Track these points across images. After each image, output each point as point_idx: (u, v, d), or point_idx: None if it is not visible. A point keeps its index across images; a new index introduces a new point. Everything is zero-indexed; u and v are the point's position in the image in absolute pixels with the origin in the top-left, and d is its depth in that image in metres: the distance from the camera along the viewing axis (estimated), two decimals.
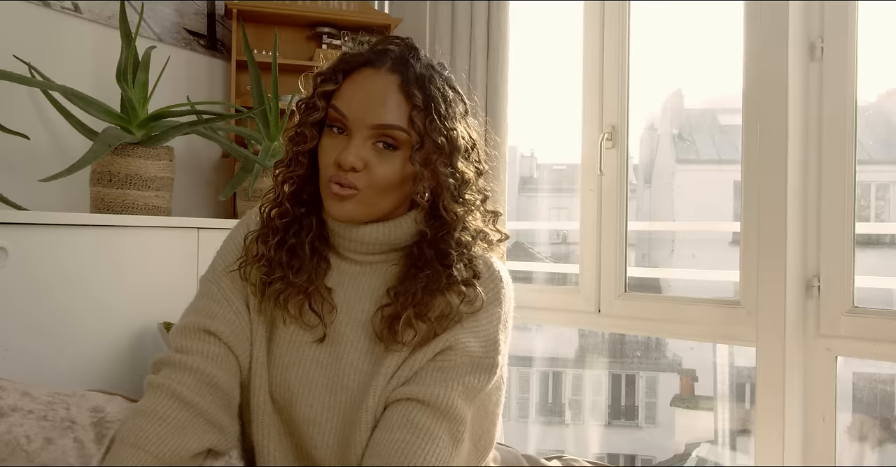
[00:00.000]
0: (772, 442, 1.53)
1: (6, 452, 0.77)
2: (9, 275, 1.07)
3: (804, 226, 1.55)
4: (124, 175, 1.38)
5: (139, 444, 0.81)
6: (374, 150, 0.86)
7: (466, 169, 0.92)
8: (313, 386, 0.91)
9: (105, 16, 1.66)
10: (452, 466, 0.85)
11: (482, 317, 0.90)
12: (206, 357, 0.89)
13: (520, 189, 5.44)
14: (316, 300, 0.91)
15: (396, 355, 0.88)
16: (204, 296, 0.95)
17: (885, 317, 1.47)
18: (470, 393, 0.88)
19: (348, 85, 0.88)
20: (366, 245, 0.92)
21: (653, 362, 5.99)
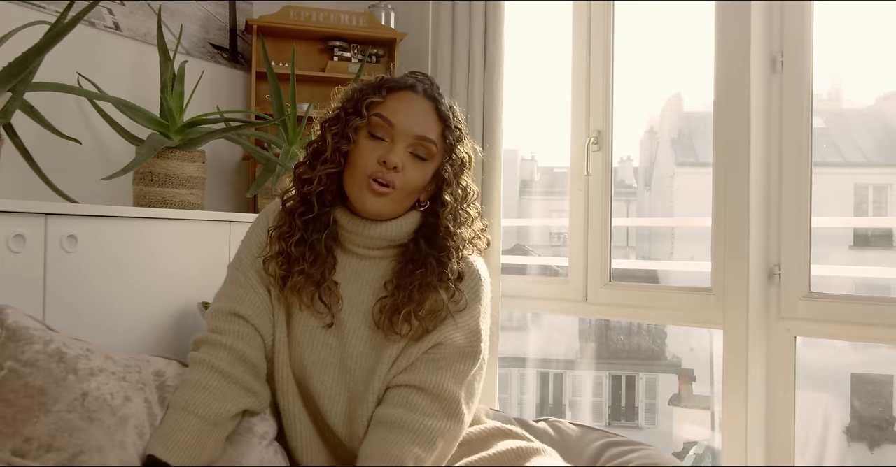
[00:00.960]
0: (737, 414, 1.76)
1: (96, 405, 0.99)
2: (78, 259, 1.30)
3: (767, 220, 1.78)
4: (164, 175, 1.62)
5: (189, 409, 1.04)
6: (409, 156, 1.09)
7: (471, 183, 1.16)
8: (323, 364, 1.13)
9: (141, 33, 1.90)
10: (444, 436, 1.07)
11: (465, 313, 1.13)
12: (237, 336, 1.11)
13: (520, 192, 5.67)
14: (325, 292, 1.12)
15: (395, 345, 1.10)
16: (232, 282, 1.17)
17: (837, 301, 1.70)
18: (458, 377, 1.10)
19: (393, 101, 1.11)
20: (372, 240, 1.14)
21: (651, 363, 6.18)
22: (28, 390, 0.95)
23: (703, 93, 3.00)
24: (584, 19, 2.10)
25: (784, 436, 1.75)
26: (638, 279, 4.47)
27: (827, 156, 5.24)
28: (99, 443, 0.95)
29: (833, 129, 5.22)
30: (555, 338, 5.50)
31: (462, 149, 1.15)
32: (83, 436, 0.95)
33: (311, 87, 2.17)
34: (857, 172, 4.55)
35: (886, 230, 3.79)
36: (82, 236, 1.31)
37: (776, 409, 1.76)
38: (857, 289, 2.65)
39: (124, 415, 1.00)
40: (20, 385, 0.95)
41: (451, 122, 1.14)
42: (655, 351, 6.08)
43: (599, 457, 1.44)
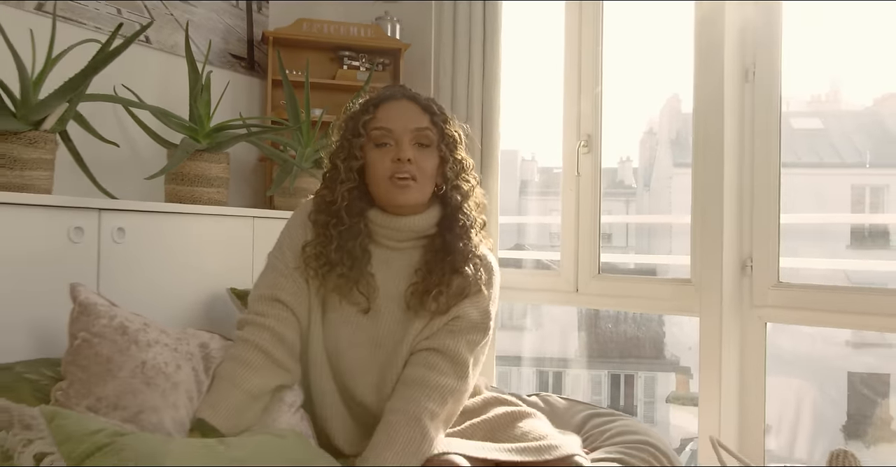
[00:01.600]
0: (711, 396, 1.96)
1: (153, 372, 1.19)
2: (126, 249, 1.51)
3: (740, 217, 1.99)
4: (193, 175, 1.83)
5: (234, 382, 1.24)
6: (416, 149, 1.30)
7: (466, 156, 1.37)
8: (359, 344, 1.34)
9: (169, 45, 2.11)
10: (455, 394, 1.28)
11: (480, 294, 1.35)
12: (277, 319, 1.31)
13: (520, 191, 5.88)
14: (362, 285, 1.32)
15: (421, 320, 1.31)
16: (273, 271, 1.36)
17: (804, 290, 1.91)
18: (471, 345, 1.32)
19: (382, 112, 1.32)
20: (402, 233, 1.34)
21: (650, 362, 6.36)
22: (98, 358, 1.16)
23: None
24: (575, 23, 2.30)
25: (755, 416, 1.96)
26: (642, 273, 4.68)
27: (825, 156, 5.43)
28: (155, 404, 1.15)
29: (831, 130, 5.41)
30: (555, 338, 5.70)
31: (450, 128, 1.36)
32: (143, 398, 1.15)
33: (323, 94, 2.38)
34: (854, 173, 4.74)
35: (882, 227, 3.97)
36: (129, 229, 1.52)
37: (748, 389, 1.97)
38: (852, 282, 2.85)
39: (176, 381, 1.20)
40: (92, 353, 1.16)
41: (435, 110, 1.35)
42: (654, 349, 6.25)
43: (584, 426, 1.64)
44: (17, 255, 1.35)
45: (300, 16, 2.44)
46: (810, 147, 5.35)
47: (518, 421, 1.35)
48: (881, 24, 2.11)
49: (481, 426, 1.36)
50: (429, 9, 2.40)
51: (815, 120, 5.60)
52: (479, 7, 2.32)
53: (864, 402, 4.24)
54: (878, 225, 3.95)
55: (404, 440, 1.18)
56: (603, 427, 1.62)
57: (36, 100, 1.46)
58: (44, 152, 1.49)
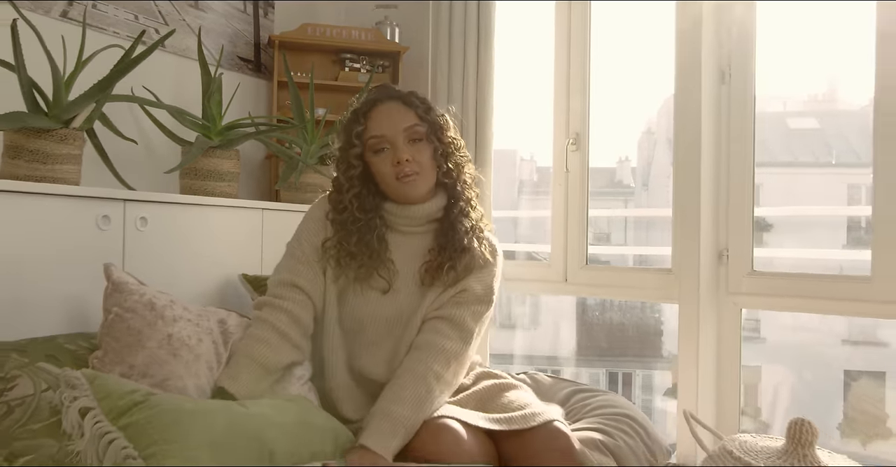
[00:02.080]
0: (689, 376, 2.12)
1: (178, 344, 1.35)
2: (147, 236, 1.67)
3: (717, 210, 2.15)
4: (206, 170, 1.99)
5: (252, 357, 1.40)
6: (410, 146, 1.46)
7: (455, 136, 1.54)
8: (378, 320, 1.51)
9: (181, 49, 2.27)
10: (459, 357, 1.45)
11: (484, 272, 1.53)
12: (294, 302, 1.48)
13: (519, 189, 6.04)
14: (382, 270, 1.49)
15: (432, 294, 1.49)
16: (291, 258, 1.53)
17: (775, 278, 2.07)
18: (475, 315, 1.49)
19: (371, 120, 1.48)
20: (414, 219, 1.52)
21: (649, 359, 6.50)
22: (129, 330, 1.32)
23: None
24: (564, 24, 2.46)
25: (731, 396, 2.12)
26: (647, 263, 4.81)
27: (820, 156, 5.56)
28: (180, 373, 1.32)
29: (827, 130, 5.53)
30: (553, 336, 5.85)
31: (433, 115, 1.52)
32: (169, 367, 1.31)
33: (326, 94, 2.55)
34: (849, 172, 4.87)
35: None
36: (151, 218, 1.68)
37: (724, 371, 2.13)
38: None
39: (198, 353, 1.37)
40: (124, 326, 1.32)
41: (417, 104, 1.50)
42: (652, 347, 6.37)
43: (568, 401, 1.81)
44: (53, 241, 1.51)
45: (304, 20, 2.61)
46: (806, 146, 5.48)
47: (505, 392, 1.51)
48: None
49: (473, 396, 1.52)
50: (426, 14, 2.56)
51: (812, 119, 5.73)
52: (474, 12, 2.48)
53: (860, 400, 4.34)
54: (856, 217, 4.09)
55: (411, 396, 1.35)
56: (586, 401, 1.79)
57: (66, 100, 1.62)
58: (73, 148, 1.65)
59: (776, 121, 5.17)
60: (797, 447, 1.57)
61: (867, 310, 1.95)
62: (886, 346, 4.62)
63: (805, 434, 1.57)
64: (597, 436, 1.58)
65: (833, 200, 4.55)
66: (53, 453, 1.09)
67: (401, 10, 2.71)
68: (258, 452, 1.13)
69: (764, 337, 5.19)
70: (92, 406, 1.10)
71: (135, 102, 1.76)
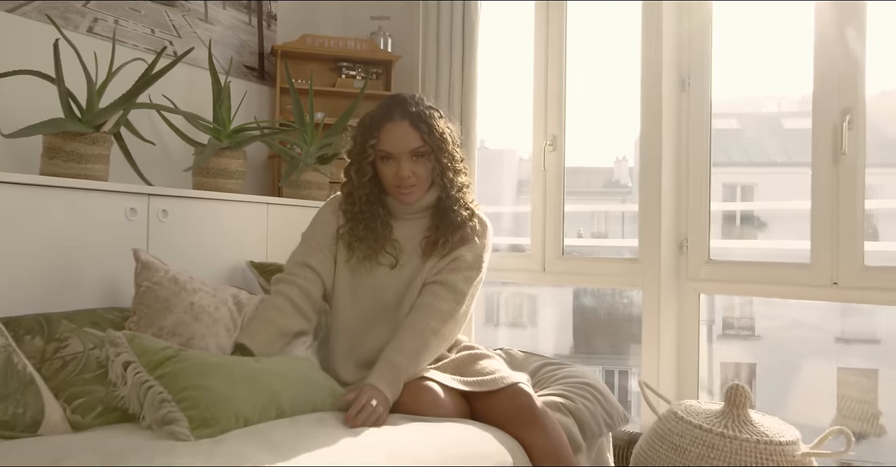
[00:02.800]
0: (652, 354, 2.39)
1: (199, 310, 1.63)
2: (168, 226, 1.95)
3: (677, 205, 2.42)
4: (217, 169, 2.26)
5: (269, 321, 1.68)
6: (412, 162, 1.74)
7: (454, 149, 1.81)
8: (388, 291, 1.79)
9: (192, 58, 2.54)
10: (451, 316, 1.73)
11: (475, 243, 1.81)
12: (306, 279, 1.77)
13: (518, 188, 6.30)
14: (389, 248, 1.78)
15: (429, 263, 1.77)
16: (305, 244, 1.84)
17: (729, 266, 2.34)
18: (467, 280, 1.77)
19: (384, 135, 1.75)
20: (413, 209, 1.81)
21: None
22: (158, 299, 1.60)
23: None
24: (542, 35, 2.73)
25: (690, 372, 2.39)
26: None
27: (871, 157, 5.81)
28: (203, 333, 1.59)
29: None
30: (550, 334, 6.10)
31: (435, 135, 1.77)
32: (192, 328, 1.59)
33: (325, 100, 2.82)
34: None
35: None
36: (171, 210, 1.96)
37: (684, 351, 2.40)
38: None
39: (216, 318, 1.64)
40: (153, 296, 1.60)
41: (423, 128, 1.76)
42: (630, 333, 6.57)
43: (538, 372, 2.08)
44: (89, 230, 1.79)
45: (304, 32, 2.88)
46: (800, 147, 5.72)
47: (479, 360, 1.78)
48: (873, 24, 2.37)
49: (451, 363, 1.79)
50: (417, 25, 2.84)
51: (805, 120, 5.98)
52: (459, 24, 2.76)
53: (853, 397, 4.51)
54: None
55: (410, 348, 1.63)
56: (552, 372, 2.06)
57: (97, 108, 1.90)
58: (102, 149, 1.92)
59: (771, 122, 5.41)
60: (732, 408, 1.84)
61: (806, 294, 2.23)
62: (878, 343, 4.84)
63: (739, 396, 1.85)
64: (559, 400, 1.85)
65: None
66: (102, 396, 1.36)
67: (393, 22, 2.99)
68: (269, 400, 1.41)
69: (759, 334, 5.44)
70: (132, 360, 1.37)
71: (155, 109, 2.03)
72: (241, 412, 1.34)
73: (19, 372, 1.26)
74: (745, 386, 1.86)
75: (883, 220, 2.63)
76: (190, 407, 1.29)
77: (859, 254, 2.08)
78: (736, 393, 1.85)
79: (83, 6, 2.24)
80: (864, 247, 2.10)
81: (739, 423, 1.81)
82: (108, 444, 1.21)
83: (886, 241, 2.45)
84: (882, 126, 2.28)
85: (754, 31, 2.74)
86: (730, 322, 5.46)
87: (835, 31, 2.11)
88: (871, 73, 2.11)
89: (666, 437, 1.85)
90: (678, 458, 1.78)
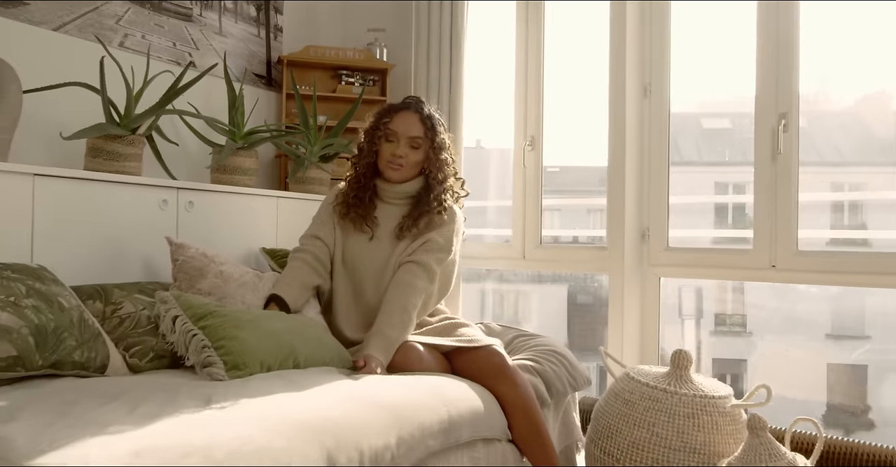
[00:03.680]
0: (616, 330, 2.76)
1: (228, 277, 2.00)
2: (194, 216, 2.32)
3: (640, 199, 2.79)
4: (232, 166, 2.63)
5: (294, 277, 2.09)
6: (408, 148, 2.13)
7: (448, 155, 2.19)
8: (368, 259, 2.16)
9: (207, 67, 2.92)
10: (426, 292, 2.10)
11: (445, 228, 2.18)
12: (316, 247, 2.17)
13: (505, 187, 6.69)
14: (369, 222, 2.16)
15: (403, 244, 2.14)
16: (313, 223, 2.24)
17: (685, 252, 2.71)
18: (439, 261, 2.14)
19: (396, 119, 2.15)
20: (396, 193, 2.19)
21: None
22: (193, 268, 1.98)
23: (687, 94, 3.51)
24: (522, 44, 3.12)
25: (650, 346, 2.76)
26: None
27: (809, 155, 6.15)
28: (233, 294, 1.97)
29: (814, 130, 6.11)
30: (545, 331, 6.44)
31: (434, 135, 2.18)
32: (224, 290, 1.97)
33: (326, 104, 3.20)
34: (834, 172, 5.46)
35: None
36: (196, 202, 2.33)
37: (646, 329, 2.77)
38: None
39: (243, 282, 2.02)
40: (189, 266, 1.98)
41: (428, 125, 2.17)
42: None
43: (512, 342, 2.45)
44: (130, 217, 2.16)
45: (308, 43, 3.26)
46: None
47: (459, 327, 2.15)
48: (865, 25, 2.55)
49: (434, 329, 2.16)
50: (409, 37, 3.22)
51: (801, 119, 6.32)
52: (448, 37, 3.13)
53: (843, 393, 4.80)
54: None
55: (398, 322, 2.00)
56: (525, 342, 2.43)
57: (134, 113, 2.27)
58: (137, 149, 2.29)
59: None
60: (676, 370, 2.21)
61: (751, 276, 2.61)
62: (868, 339, 5.16)
63: (682, 360, 2.21)
64: (529, 363, 2.22)
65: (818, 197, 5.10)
66: (153, 345, 1.74)
67: (388, 34, 3.37)
68: (288, 353, 1.77)
69: (750, 331, 5.78)
70: (179, 314, 1.74)
71: (181, 114, 2.40)
72: (266, 360, 1.71)
73: (90, 326, 1.63)
74: (687, 352, 2.23)
75: (814, 211, 2.96)
76: (225, 353, 1.65)
77: (794, 240, 2.46)
78: (679, 357, 2.21)
79: (115, 24, 2.61)
80: (798, 234, 2.48)
81: (681, 382, 2.17)
82: (161, 381, 1.58)
83: (817, 229, 2.81)
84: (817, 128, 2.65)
85: (714, 34, 3.00)
86: (722, 318, 5.81)
87: (773, 43, 2.49)
88: (805, 77, 2.49)
89: (620, 394, 2.21)
90: (628, 411, 2.15)
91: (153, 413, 1.26)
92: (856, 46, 2.58)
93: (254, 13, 3.17)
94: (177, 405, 1.33)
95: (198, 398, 1.38)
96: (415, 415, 1.55)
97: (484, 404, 1.85)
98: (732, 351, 3.96)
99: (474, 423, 1.74)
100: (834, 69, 2.78)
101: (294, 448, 1.19)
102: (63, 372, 1.54)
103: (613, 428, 2.12)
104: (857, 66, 2.64)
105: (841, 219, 3.21)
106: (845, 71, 2.73)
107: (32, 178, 1.90)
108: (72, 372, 1.55)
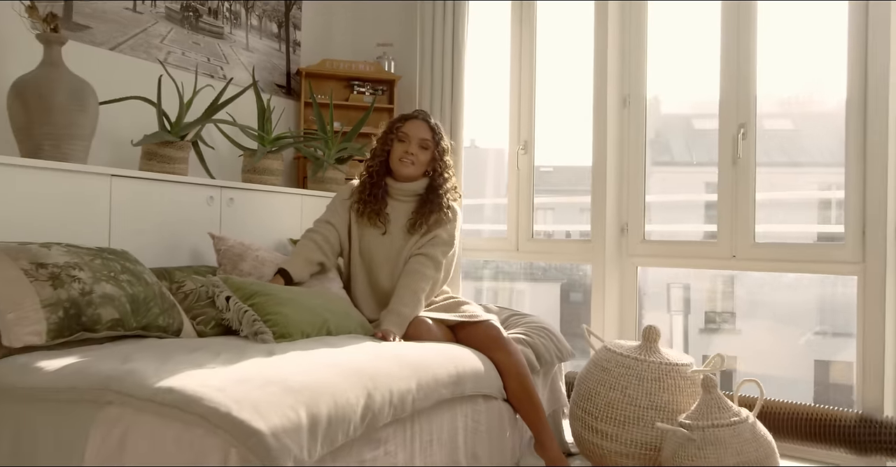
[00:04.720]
0: (598, 314, 3.20)
1: (263, 261, 2.44)
2: (234, 211, 2.75)
3: (620, 197, 3.24)
4: (262, 168, 3.06)
5: (298, 254, 2.53)
6: (419, 148, 2.57)
7: (448, 161, 2.63)
8: (381, 250, 2.59)
9: (237, 79, 3.35)
10: (433, 279, 2.53)
11: (448, 225, 2.61)
12: (325, 229, 2.60)
13: (501, 185, 7.11)
14: (382, 218, 2.59)
15: (413, 239, 2.57)
16: (328, 210, 2.66)
17: (660, 244, 3.16)
18: (444, 253, 2.58)
19: (407, 125, 2.59)
20: (405, 191, 2.62)
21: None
22: (235, 254, 2.42)
23: (679, 96, 3.61)
24: (517, 53, 3.55)
25: (629, 327, 3.20)
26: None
27: (794, 156, 6.52)
28: (269, 275, 2.40)
29: (801, 131, 6.47)
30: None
31: (444, 143, 2.63)
32: (261, 271, 2.41)
33: (341, 112, 3.63)
34: (823, 172, 5.85)
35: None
36: (237, 199, 2.76)
37: (625, 314, 3.22)
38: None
39: (264, 259, 2.46)
40: (231, 253, 2.42)
41: (436, 130, 2.62)
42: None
43: (507, 320, 2.88)
44: (181, 211, 2.59)
45: (323, 56, 3.70)
46: (780, 147, 6.43)
47: (461, 305, 2.59)
48: (763, 46, 2.85)
49: (440, 306, 2.60)
50: (415, 51, 3.65)
51: (787, 120, 6.69)
52: (450, 51, 3.57)
53: (830, 389, 5.14)
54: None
55: (409, 301, 2.44)
56: (518, 320, 2.87)
57: (183, 122, 2.70)
58: (184, 153, 2.72)
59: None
60: (647, 343, 2.65)
61: (715, 265, 3.05)
62: (854, 336, 5.53)
63: (652, 334, 2.65)
64: (521, 336, 2.66)
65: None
66: (214, 315, 2.18)
67: (396, 48, 3.81)
68: (322, 324, 2.20)
69: (739, 328, 6.17)
70: (230, 294, 2.17)
71: (220, 123, 2.83)
72: (305, 330, 2.14)
73: (167, 298, 2.06)
74: (656, 327, 2.67)
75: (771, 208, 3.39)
76: (273, 324, 2.08)
77: (751, 233, 2.90)
78: (649, 331, 2.65)
79: (160, 42, 3.04)
80: (756, 228, 2.92)
81: (650, 353, 2.61)
82: (228, 342, 2.01)
83: (771, 224, 3.25)
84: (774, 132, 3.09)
85: (709, 36, 3.15)
86: (711, 316, 6.21)
87: (735, 55, 2.94)
88: (762, 85, 2.92)
89: (598, 363, 2.65)
90: (605, 376, 2.59)
91: (233, 359, 1.69)
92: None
93: (275, 30, 3.60)
94: (248, 355, 1.76)
95: (262, 351, 1.81)
96: (429, 369, 1.98)
97: (484, 366, 2.28)
98: (720, 342, 4.35)
99: (476, 380, 2.18)
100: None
101: (347, 382, 1.63)
102: (149, 333, 1.97)
103: (593, 391, 2.56)
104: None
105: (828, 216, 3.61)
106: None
107: (110, 179, 2.33)
108: (155, 333, 1.98)
